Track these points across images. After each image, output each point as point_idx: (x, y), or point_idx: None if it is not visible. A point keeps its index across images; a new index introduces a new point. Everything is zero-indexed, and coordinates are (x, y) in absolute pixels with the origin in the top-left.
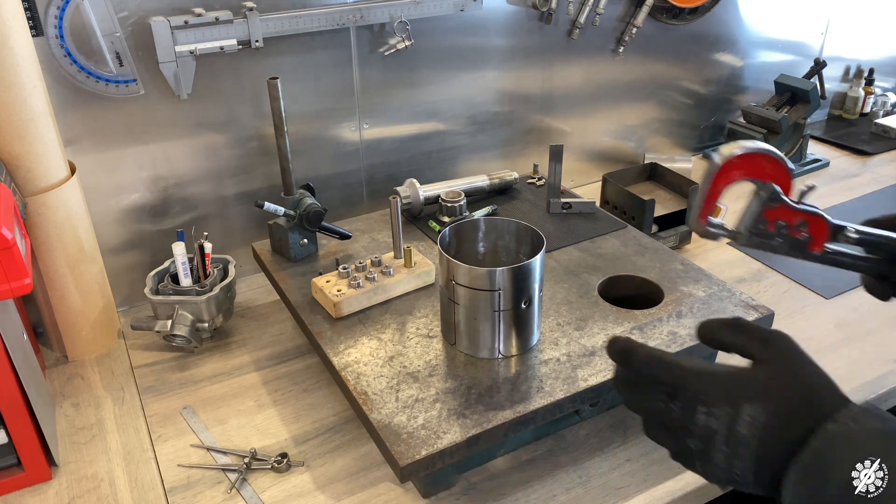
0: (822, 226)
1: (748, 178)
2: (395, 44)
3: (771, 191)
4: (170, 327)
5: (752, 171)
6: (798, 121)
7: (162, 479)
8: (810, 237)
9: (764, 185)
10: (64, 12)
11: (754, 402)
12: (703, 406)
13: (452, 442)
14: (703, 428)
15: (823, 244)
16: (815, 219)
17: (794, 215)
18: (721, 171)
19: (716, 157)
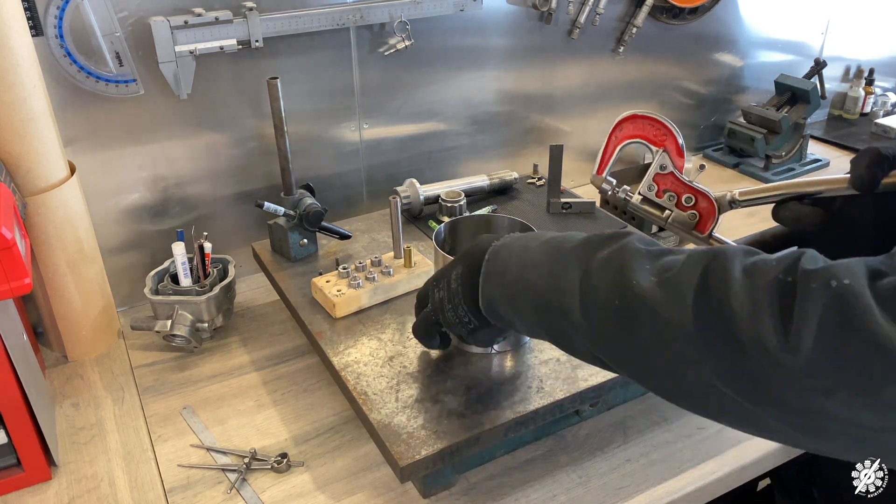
0: (710, 207)
1: (642, 142)
2: (395, 44)
3: (661, 156)
4: (170, 327)
5: (645, 136)
6: (798, 121)
7: (162, 480)
8: (697, 216)
9: (656, 150)
10: (64, 12)
11: (455, 267)
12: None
13: (452, 442)
14: (438, 301)
15: (710, 228)
16: (703, 197)
17: (683, 188)
18: (617, 128)
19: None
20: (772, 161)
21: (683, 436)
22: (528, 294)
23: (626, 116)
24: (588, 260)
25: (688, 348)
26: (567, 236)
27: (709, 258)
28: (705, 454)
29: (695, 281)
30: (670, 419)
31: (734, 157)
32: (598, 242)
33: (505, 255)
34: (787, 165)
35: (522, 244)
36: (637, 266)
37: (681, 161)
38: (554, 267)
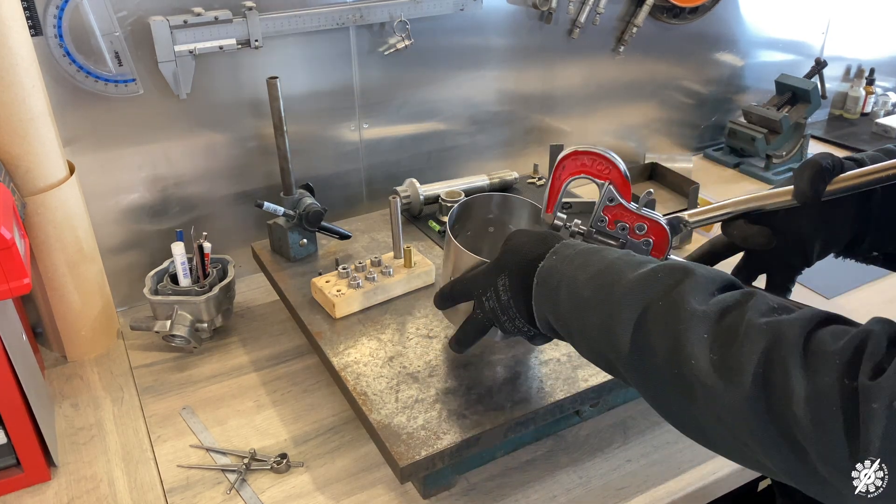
0: (663, 233)
1: (587, 177)
2: (395, 43)
3: (607, 190)
4: (169, 327)
5: (589, 171)
6: (799, 120)
7: (161, 480)
8: (651, 242)
9: (601, 184)
10: (63, 12)
11: (500, 276)
12: (483, 296)
13: (452, 442)
14: (489, 310)
15: (666, 252)
16: (654, 225)
17: (634, 218)
18: (558, 168)
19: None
20: (772, 161)
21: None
22: (582, 336)
23: (567, 154)
24: (641, 313)
25: (749, 437)
26: (616, 270)
27: (770, 339)
28: (705, 455)
29: (754, 368)
30: None
31: (735, 157)
32: (651, 287)
33: (554, 284)
34: (787, 165)
35: (571, 274)
36: (694, 336)
37: (628, 190)
38: (605, 315)
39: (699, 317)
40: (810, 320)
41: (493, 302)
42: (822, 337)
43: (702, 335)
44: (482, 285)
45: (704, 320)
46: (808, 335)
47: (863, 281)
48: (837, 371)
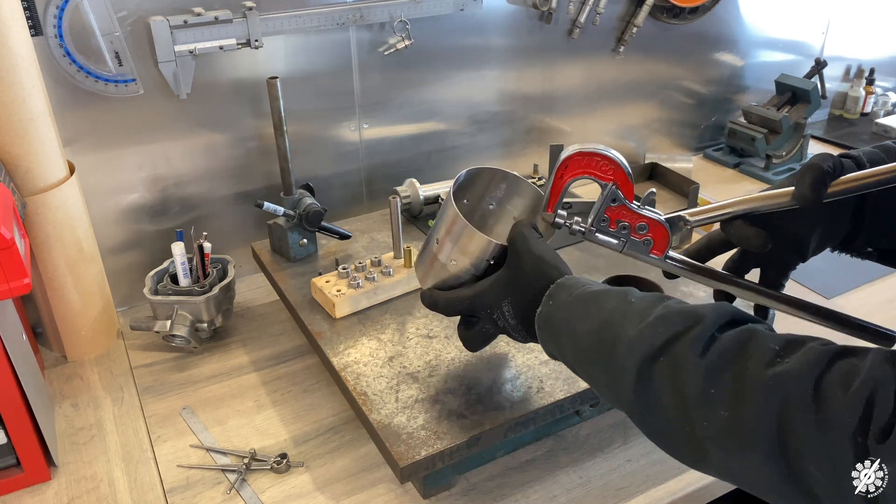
0: (663, 232)
1: (590, 177)
2: (395, 43)
3: (610, 190)
4: (169, 327)
5: (593, 171)
6: (799, 120)
7: (161, 480)
8: (651, 241)
9: (604, 184)
10: (63, 12)
11: (504, 300)
12: (492, 315)
13: (452, 442)
14: (503, 328)
15: (665, 250)
16: (655, 224)
17: (635, 217)
18: (561, 168)
19: (561, 155)
20: (772, 161)
21: None
22: (590, 383)
23: (571, 154)
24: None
25: (768, 492)
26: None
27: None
28: None
29: (768, 430)
30: None
31: (735, 157)
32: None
33: (554, 331)
34: (787, 165)
35: (570, 324)
36: (702, 394)
37: (630, 190)
38: (609, 373)
39: (702, 373)
40: (816, 366)
41: (504, 321)
42: (831, 387)
43: (708, 391)
44: (490, 306)
45: (708, 375)
46: (816, 385)
47: (862, 281)
48: (850, 429)
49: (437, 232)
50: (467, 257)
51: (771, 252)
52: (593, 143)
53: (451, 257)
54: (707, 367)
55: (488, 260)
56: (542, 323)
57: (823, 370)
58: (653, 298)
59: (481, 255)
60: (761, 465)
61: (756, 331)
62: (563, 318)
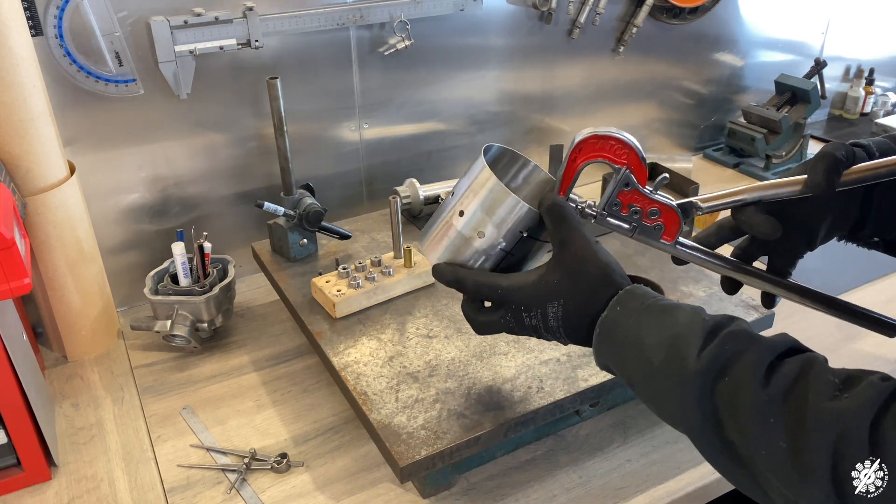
0: (675, 218)
1: (604, 161)
2: (395, 43)
3: (623, 175)
4: (169, 327)
5: (607, 155)
6: (798, 121)
7: (161, 480)
8: (663, 227)
9: (617, 168)
10: (63, 12)
11: (552, 302)
12: (524, 312)
13: (452, 442)
14: (530, 327)
15: (676, 236)
16: (667, 210)
17: (647, 202)
18: (574, 151)
19: (575, 138)
20: (772, 161)
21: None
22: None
23: (586, 137)
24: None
25: None
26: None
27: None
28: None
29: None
30: None
31: (734, 157)
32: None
33: (618, 339)
34: (787, 165)
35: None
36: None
37: (643, 175)
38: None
39: (763, 400)
40: (873, 405)
41: (538, 321)
42: (888, 429)
43: (768, 419)
44: (526, 303)
45: (770, 403)
46: (874, 424)
47: (863, 280)
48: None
49: (460, 203)
50: (499, 229)
51: (779, 240)
52: (607, 127)
53: (478, 228)
54: (768, 394)
55: (522, 231)
56: (605, 329)
57: (881, 410)
58: (722, 318)
59: (516, 228)
60: (823, 501)
61: (816, 361)
62: (631, 327)
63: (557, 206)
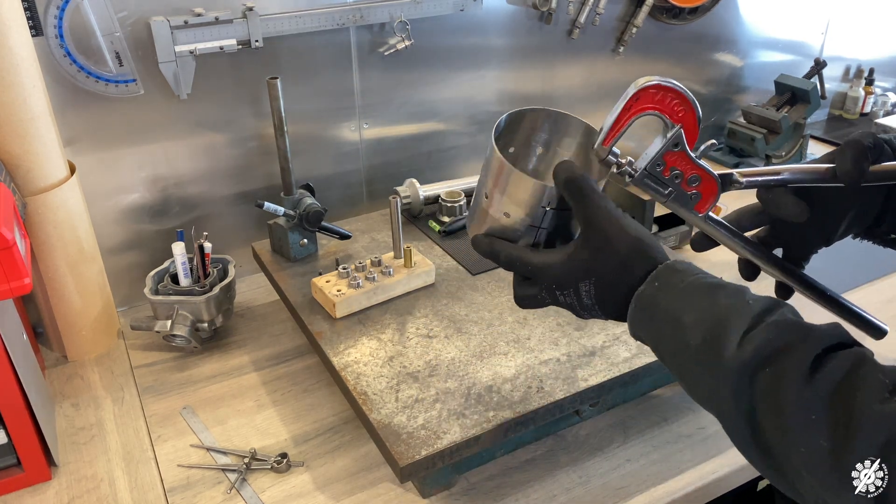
0: (713, 188)
1: (658, 114)
2: (395, 44)
3: (676, 133)
4: (169, 327)
5: (664, 109)
6: (798, 121)
7: (162, 480)
8: (699, 195)
9: (672, 125)
10: (63, 12)
11: (584, 280)
12: (557, 290)
13: (452, 442)
14: (565, 304)
15: (708, 208)
16: (708, 178)
17: (691, 167)
18: (632, 99)
19: (633, 85)
20: (772, 161)
21: (683, 436)
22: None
23: (648, 85)
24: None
25: None
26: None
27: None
28: (705, 454)
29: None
30: (670, 419)
31: (734, 157)
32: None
33: (656, 315)
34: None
35: (676, 311)
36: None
37: (694, 138)
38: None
39: (806, 394)
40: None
41: (572, 299)
42: None
43: (810, 416)
44: (557, 281)
45: (815, 400)
46: None
47: (862, 280)
48: None
49: (484, 186)
50: (521, 208)
51: (797, 232)
52: (671, 79)
53: (502, 210)
54: (812, 389)
55: (544, 206)
56: (642, 304)
57: None
58: (768, 302)
59: (536, 203)
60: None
61: (866, 358)
62: (670, 305)
63: (572, 180)
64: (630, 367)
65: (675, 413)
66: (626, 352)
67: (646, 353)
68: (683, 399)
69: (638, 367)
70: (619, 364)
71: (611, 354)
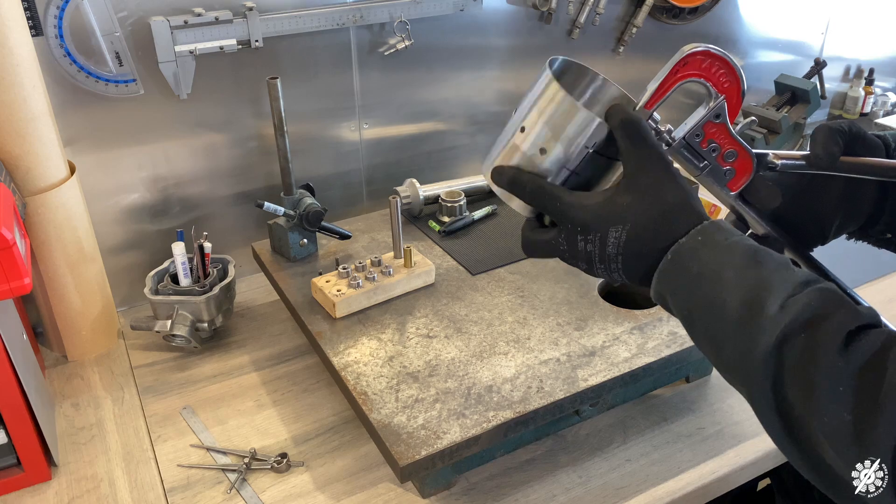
0: (748, 166)
1: (704, 82)
2: (395, 44)
3: (720, 104)
4: (169, 327)
5: (711, 77)
6: (798, 121)
7: (162, 480)
8: (734, 172)
9: (716, 95)
10: (63, 12)
11: (616, 226)
12: (580, 234)
13: (452, 442)
14: (583, 253)
15: (741, 186)
16: (744, 155)
17: (729, 142)
18: (679, 64)
19: (682, 49)
20: None
21: (683, 436)
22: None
23: (698, 51)
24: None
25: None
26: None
27: None
28: (705, 454)
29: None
30: (670, 419)
31: None
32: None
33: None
34: None
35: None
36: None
37: (736, 112)
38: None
39: (837, 365)
40: None
41: (594, 247)
42: None
43: (837, 388)
44: (584, 223)
45: (843, 373)
46: None
47: (862, 281)
48: None
49: (523, 118)
50: (562, 144)
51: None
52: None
53: (539, 144)
54: (844, 360)
55: (587, 146)
56: (679, 257)
57: None
58: (812, 274)
59: (581, 141)
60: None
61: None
62: (713, 258)
63: (632, 120)
64: (630, 367)
65: (675, 413)
66: (626, 352)
67: (646, 353)
68: (683, 399)
69: (638, 367)
70: (619, 364)
71: (611, 354)
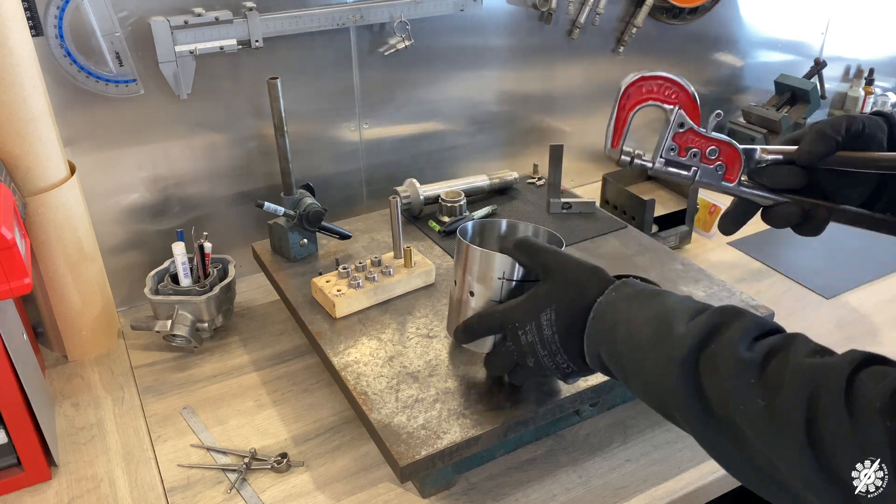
0: (734, 154)
1: (655, 104)
2: (395, 44)
3: (677, 115)
4: (170, 327)
5: (656, 97)
6: (798, 121)
7: (162, 480)
8: (724, 166)
9: (670, 109)
10: (64, 12)
11: (545, 309)
12: (521, 330)
13: (452, 442)
14: (527, 345)
15: (738, 175)
16: (726, 146)
17: (705, 142)
18: (624, 95)
19: (620, 84)
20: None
21: (683, 436)
22: (636, 376)
23: (633, 81)
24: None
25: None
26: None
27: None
28: (705, 454)
29: (803, 416)
30: None
31: None
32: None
33: (611, 320)
34: None
35: (630, 313)
36: (742, 382)
37: (697, 114)
38: (660, 358)
39: (746, 362)
40: (851, 363)
41: (533, 336)
42: (863, 381)
43: (748, 380)
44: (520, 319)
45: (751, 365)
46: (849, 378)
47: (862, 281)
48: (880, 417)
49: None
50: (481, 283)
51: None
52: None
53: (467, 289)
54: (751, 358)
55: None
56: (600, 312)
57: (858, 367)
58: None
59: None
60: (796, 454)
61: (800, 335)
62: (626, 306)
63: (520, 241)
64: None
65: None
66: None
67: None
68: None
69: None
70: None
71: None
